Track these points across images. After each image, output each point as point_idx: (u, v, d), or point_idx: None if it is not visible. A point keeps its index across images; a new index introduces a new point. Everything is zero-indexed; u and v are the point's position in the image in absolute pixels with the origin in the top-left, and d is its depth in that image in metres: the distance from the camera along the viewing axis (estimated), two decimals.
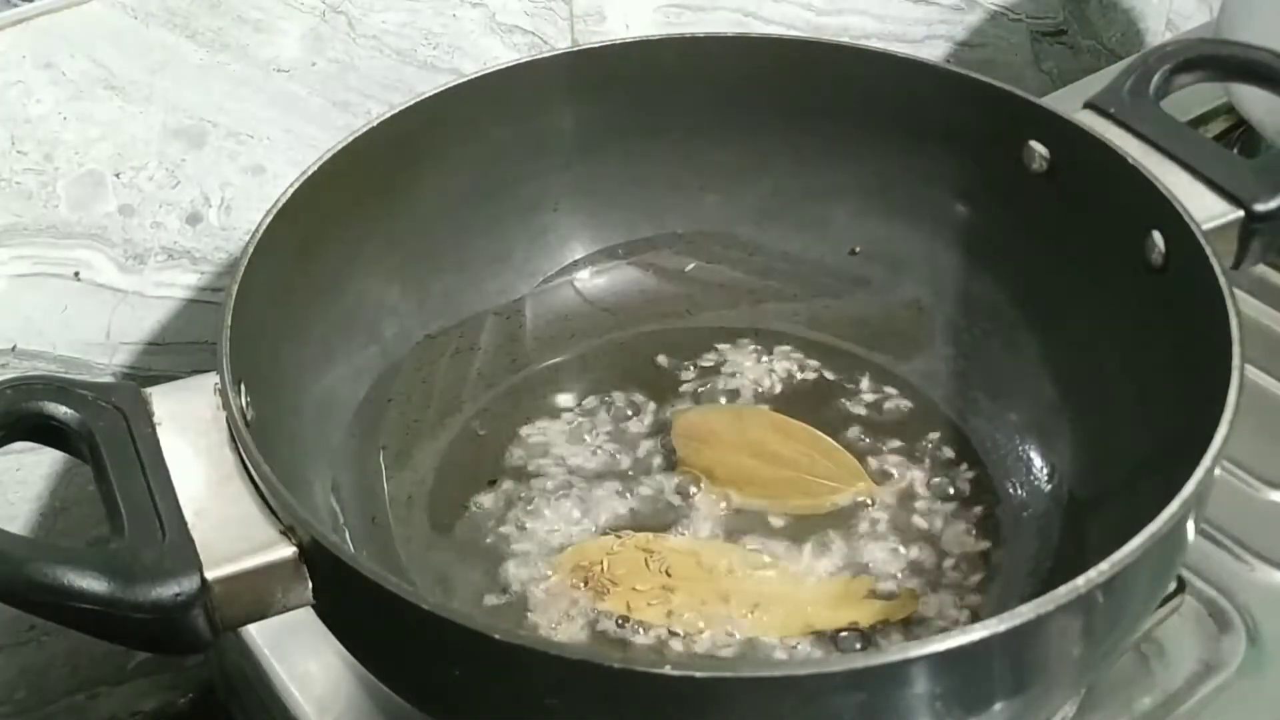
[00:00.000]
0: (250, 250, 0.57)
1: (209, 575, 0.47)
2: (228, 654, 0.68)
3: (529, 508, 0.65)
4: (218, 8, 0.66)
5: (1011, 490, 0.65)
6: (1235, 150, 0.87)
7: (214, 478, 0.50)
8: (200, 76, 0.67)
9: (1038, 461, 0.66)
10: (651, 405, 0.70)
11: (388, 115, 0.65)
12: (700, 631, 0.59)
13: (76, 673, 0.77)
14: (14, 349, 0.68)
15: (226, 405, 0.52)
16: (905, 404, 0.70)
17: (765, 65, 0.72)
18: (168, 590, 0.46)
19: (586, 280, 0.75)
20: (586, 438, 0.68)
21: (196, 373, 0.55)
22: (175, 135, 0.68)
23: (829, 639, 0.59)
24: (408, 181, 0.68)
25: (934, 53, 0.96)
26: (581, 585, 0.60)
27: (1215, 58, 0.69)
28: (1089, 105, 0.66)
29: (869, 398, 0.70)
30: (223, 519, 0.49)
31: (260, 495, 0.50)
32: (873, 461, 0.67)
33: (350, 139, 0.64)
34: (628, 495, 0.65)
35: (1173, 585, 0.62)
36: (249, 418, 0.52)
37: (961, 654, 0.43)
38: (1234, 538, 0.66)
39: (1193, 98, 0.83)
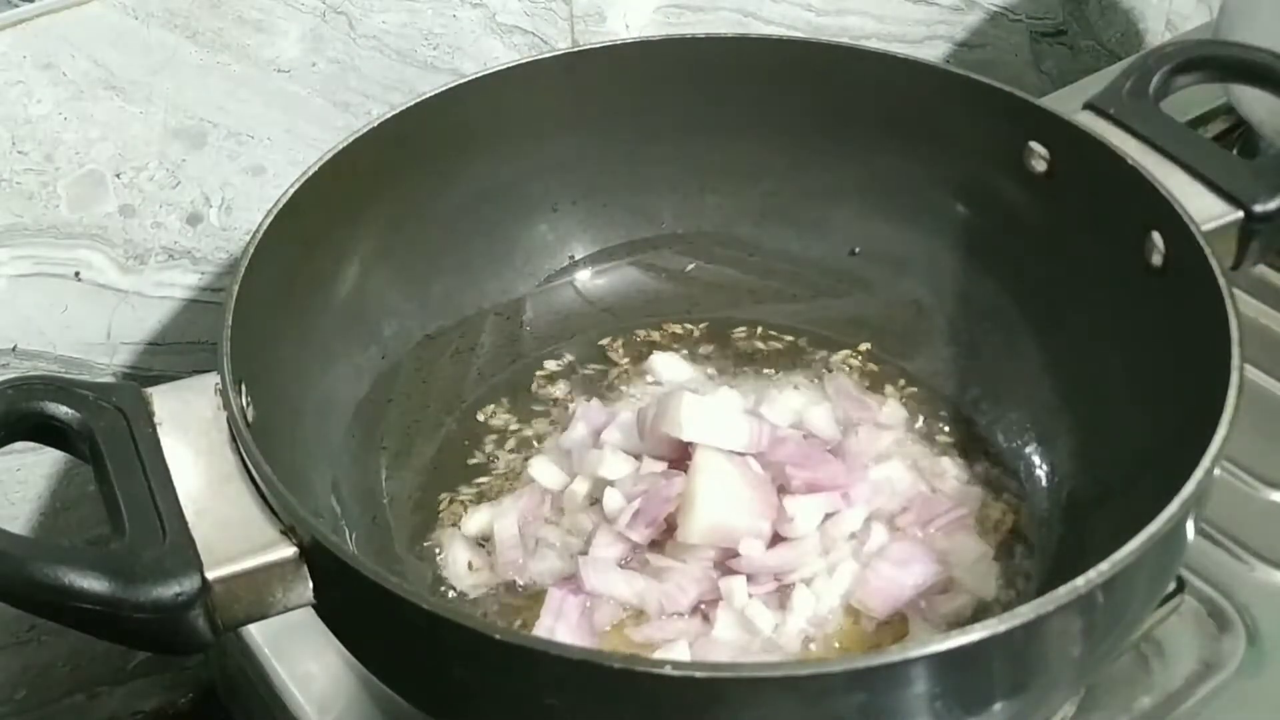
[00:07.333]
0: (251, 251, 0.57)
1: (209, 575, 0.47)
2: (228, 654, 0.68)
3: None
4: (218, 8, 0.66)
5: (1012, 490, 0.65)
6: (1235, 151, 0.87)
7: (214, 478, 0.51)
8: (201, 77, 0.67)
9: (1038, 461, 0.66)
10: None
11: (388, 115, 0.66)
12: None
13: (77, 672, 0.77)
14: (14, 349, 0.68)
15: (227, 405, 0.52)
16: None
17: (765, 65, 0.72)
18: (168, 590, 0.46)
19: (586, 280, 0.75)
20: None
21: (197, 373, 0.55)
22: (176, 135, 0.68)
23: None
24: (408, 182, 0.68)
25: (934, 53, 0.96)
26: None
27: (1215, 58, 0.69)
28: (1089, 106, 0.66)
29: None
30: (223, 519, 0.49)
31: (261, 495, 0.50)
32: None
33: (351, 139, 0.64)
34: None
35: (1172, 585, 0.62)
36: (249, 418, 0.53)
37: (961, 654, 0.43)
38: (1234, 538, 0.66)
39: (1192, 98, 0.84)
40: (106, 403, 0.52)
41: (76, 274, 0.68)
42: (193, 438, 0.52)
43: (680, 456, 0.62)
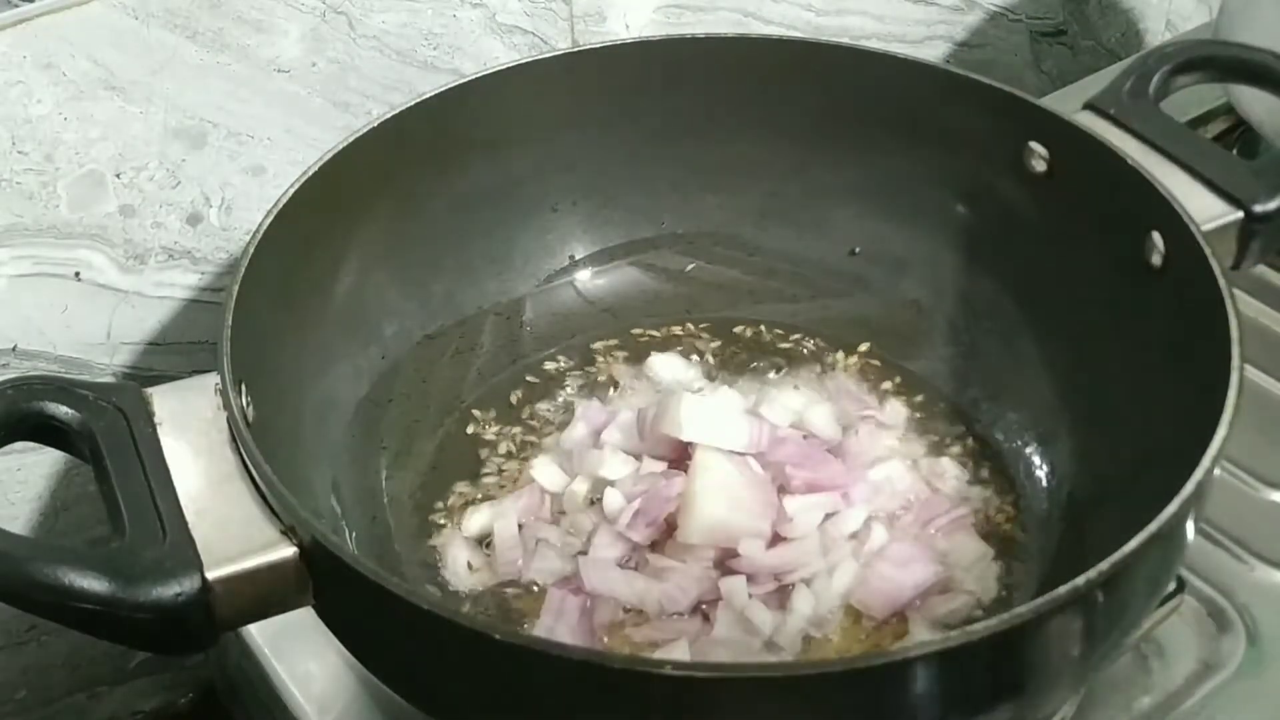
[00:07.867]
0: (251, 250, 0.57)
1: (210, 575, 0.47)
2: (228, 654, 0.68)
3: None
4: (218, 8, 0.66)
5: (1012, 490, 0.65)
6: (1235, 151, 0.87)
7: (215, 478, 0.51)
8: (201, 77, 0.67)
9: (1038, 461, 0.66)
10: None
11: (388, 115, 0.66)
12: None
13: (77, 672, 0.77)
14: (15, 349, 0.68)
15: (227, 405, 0.52)
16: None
17: (765, 65, 0.72)
18: (168, 590, 0.46)
19: (586, 280, 0.75)
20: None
21: (197, 373, 0.55)
22: (176, 135, 0.68)
23: None
24: (408, 182, 0.68)
25: (934, 53, 0.96)
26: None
27: (1214, 59, 0.69)
28: (1089, 106, 0.66)
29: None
30: (223, 519, 0.49)
31: (261, 495, 0.50)
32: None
33: (351, 139, 0.64)
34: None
35: (1172, 585, 0.62)
36: (249, 418, 0.53)
37: (961, 654, 0.43)
38: (1234, 538, 0.66)
39: (1192, 98, 0.84)
40: (106, 403, 0.52)
41: (76, 274, 0.68)
42: (193, 438, 0.52)
43: (680, 456, 0.62)
